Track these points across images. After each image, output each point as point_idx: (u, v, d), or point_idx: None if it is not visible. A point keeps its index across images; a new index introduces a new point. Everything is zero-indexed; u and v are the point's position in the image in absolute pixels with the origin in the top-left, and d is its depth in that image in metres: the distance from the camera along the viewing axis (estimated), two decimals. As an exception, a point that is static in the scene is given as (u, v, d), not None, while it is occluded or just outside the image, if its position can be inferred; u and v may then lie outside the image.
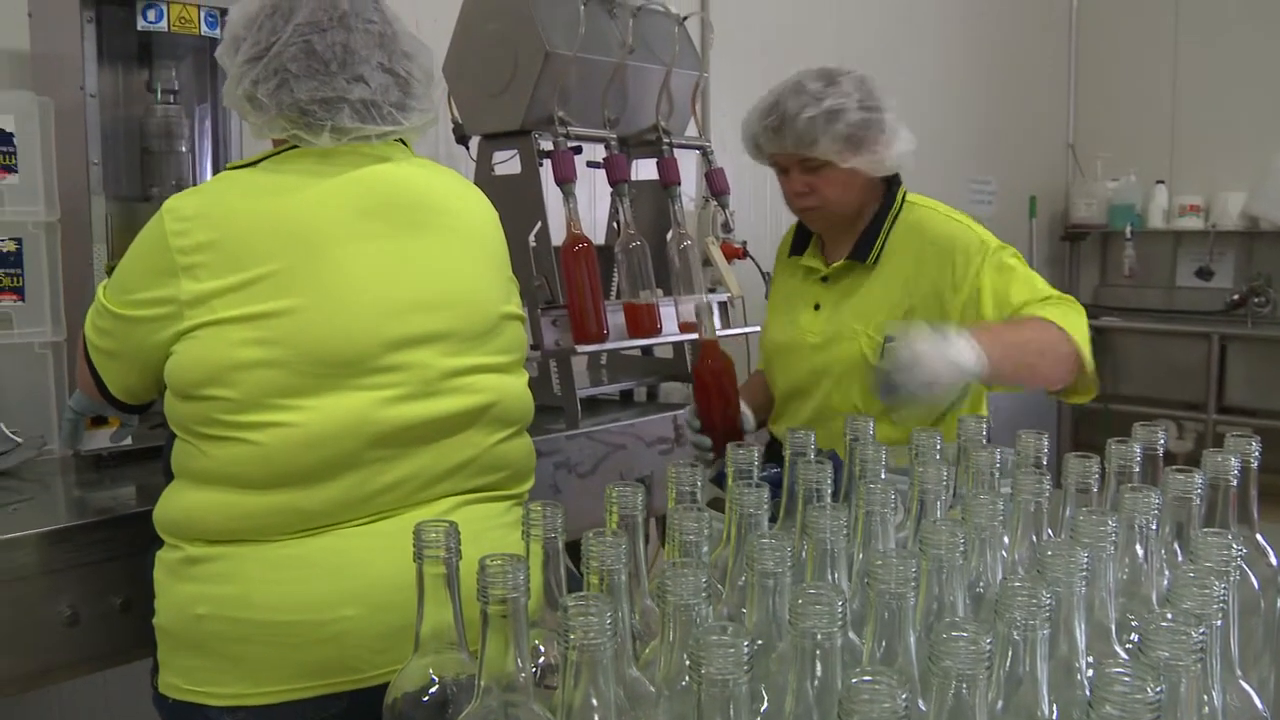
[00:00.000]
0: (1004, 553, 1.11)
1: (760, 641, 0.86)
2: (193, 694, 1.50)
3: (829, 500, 1.16)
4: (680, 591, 0.80)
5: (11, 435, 2.13)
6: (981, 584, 1.09)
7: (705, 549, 0.96)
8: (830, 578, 1.01)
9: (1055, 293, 2.01)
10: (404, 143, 1.69)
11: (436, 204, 1.66)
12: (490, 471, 1.65)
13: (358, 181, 1.59)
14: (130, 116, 2.34)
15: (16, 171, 2.19)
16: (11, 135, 2.18)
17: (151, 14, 2.14)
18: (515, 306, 1.74)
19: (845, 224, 2.15)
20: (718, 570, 1.11)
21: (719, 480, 1.72)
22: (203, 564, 1.51)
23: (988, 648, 0.73)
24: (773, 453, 2.13)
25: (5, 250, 2.19)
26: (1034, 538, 1.12)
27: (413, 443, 1.55)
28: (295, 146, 1.62)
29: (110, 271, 1.69)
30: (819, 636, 0.78)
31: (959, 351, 1.75)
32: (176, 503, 1.56)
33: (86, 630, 1.81)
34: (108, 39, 2.21)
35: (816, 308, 2.18)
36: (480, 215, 1.74)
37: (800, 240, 2.27)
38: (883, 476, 1.24)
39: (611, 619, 0.72)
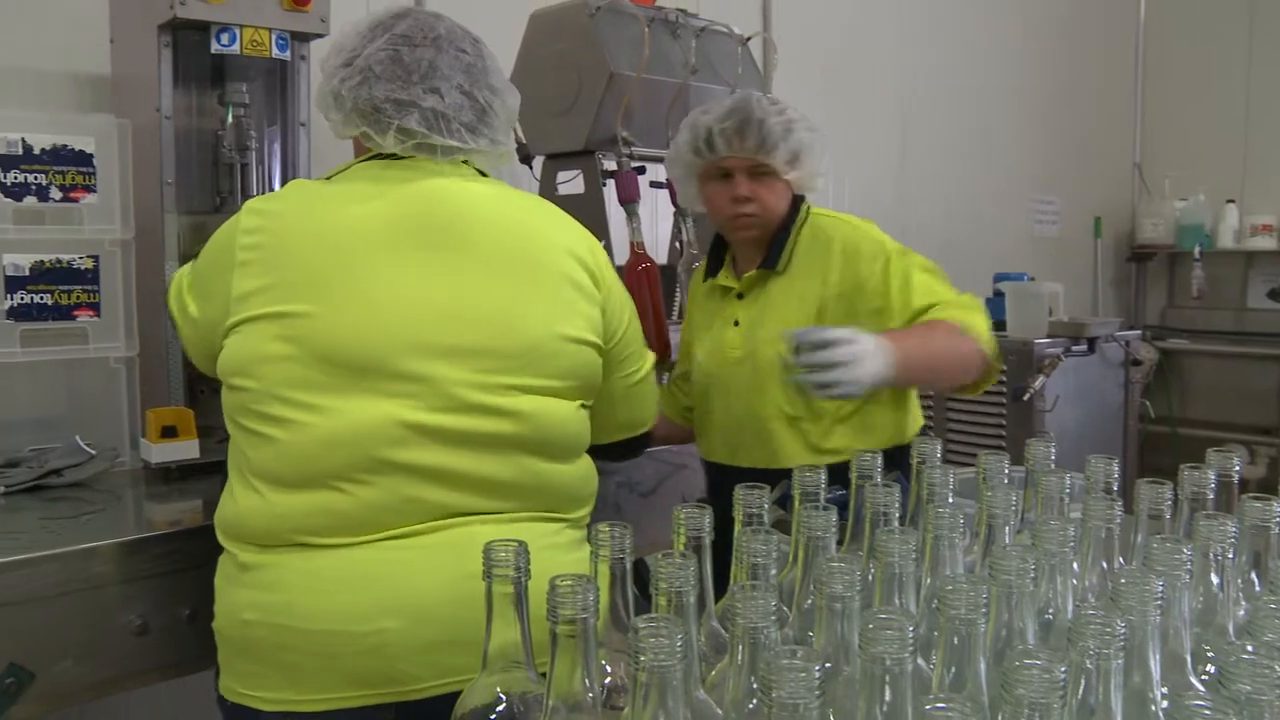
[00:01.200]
0: (1074, 580, 1.10)
1: (828, 665, 0.86)
2: (246, 697, 1.53)
3: (896, 524, 1.15)
4: (749, 614, 0.80)
5: (86, 447, 2.18)
6: (1050, 611, 1.08)
7: (773, 571, 0.96)
8: (898, 602, 1.00)
9: (954, 295, 2.12)
10: (468, 164, 1.70)
11: (490, 223, 1.64)
12: (537, 495, 1.63)
13: (405, 195, 1.62)
14: (203, 132, 2.39)
15: (95, 191, 2.25)
16: (91, 156, 2.24)
17: (225, 37, 2.19)
18: (579, 330, 1.67)
19: (766, 236, 2.22)
20: (783, 592, 1.10)
21: (783, 502, 1.72)
22: (252, 571, 1.55)
23: (1062, 677, 0.72)
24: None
25: (83, 267, 2.25)
26: (1104, 565, 1.11)
27: (445, 454, 1.55)
28: (366, 161, 1.67)
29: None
30: (888, 662, 0.78)
31: (875, 354, 1.82)
32: (229, 503, 1.61)
33: (155, 640, 1.84)
34: (183, 62, 2.27)
35: (735, 324, 2.24)
36: (540, 238, 1.68)
37: (713, 264, 2.33)
38: (950, 500, 1.23)
39: (682, 641, 0.72)
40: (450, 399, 1.55)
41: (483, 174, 1.72)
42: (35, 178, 2.20)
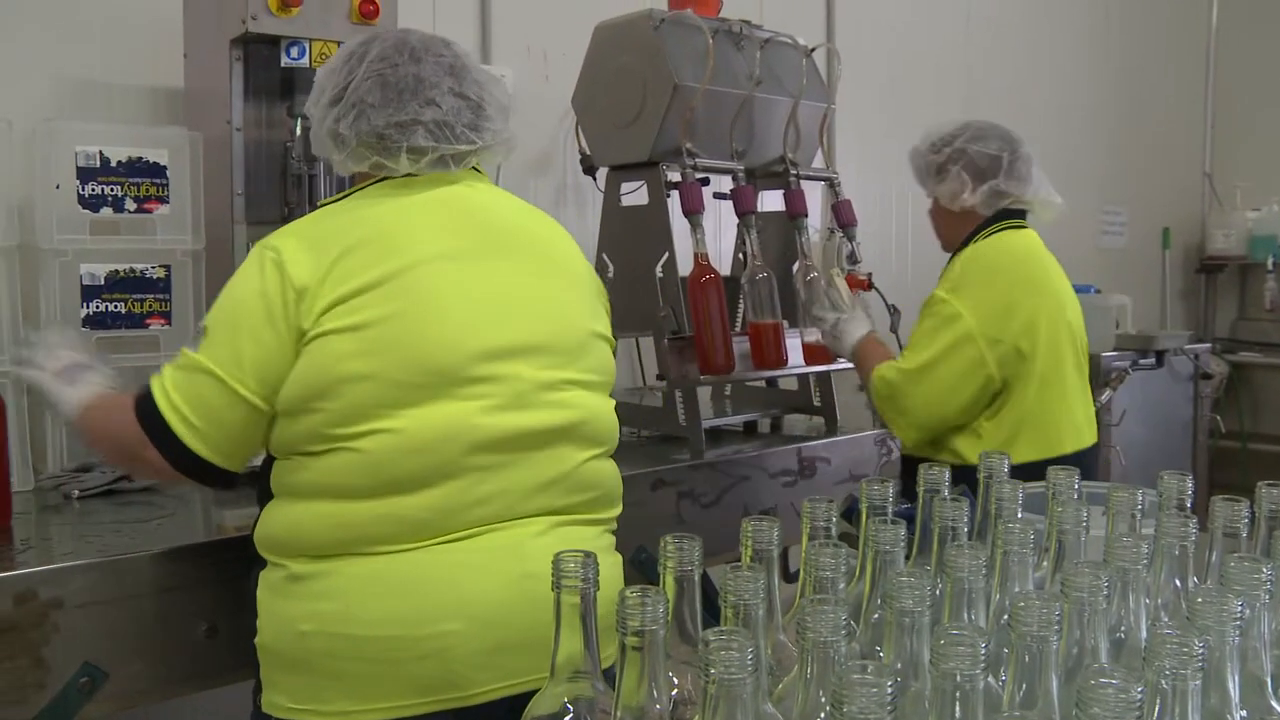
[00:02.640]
0: (1146, 598, 1.08)
1: (898, 680, 0.85)
2: (299, 713, 1.53)
3: (965, 538, 1.13)
4: (819, 628, 0.79)
5: (157, 454, 2.22)
6: (1123, 629, 1.06)
7: (841, 585, 0.95)
8: (966, 617, 0.99)
9: (908, 365, 2.42)
10: (478, 170, 1.74)
11: (518, 227, 1.72)
12: (582, 490, 1.66)
13: (442, 204, 1.65)
14: (272, 144, 2.43)
15: (168, 202, 2.30)
16: (165, 168, 2.29)
17: (295, 51, 2.23)
18: (604, 328, 1.76)
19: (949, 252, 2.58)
20: (850, 606, 1.09)
21: (848, 515, 1.71)
22: (306, 581, 1.54)
23: (1138, 697, 0.71)
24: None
25: (155, 277, 2.29)
26: (1178, 583, 1.09)
27: (509, 452, 1.57)
28: (378, 181, 1.68)
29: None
30: (959, 678, 0.77)
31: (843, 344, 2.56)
32: (278, 519, 1.60)
33: (222, 644, 1.86)
34: (253, 75, 2.31)
35: None
36: (559, 240, 1.77)
37: None
38: (1019, 515, 1.22)
39: (753, 654, 0.72)
40: (519, 396, 1.58)
41: (479, 171, 1.75)
42: (111, 189, 2.25)
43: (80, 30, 2.58)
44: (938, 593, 1.03)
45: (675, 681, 0.93)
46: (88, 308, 2.24)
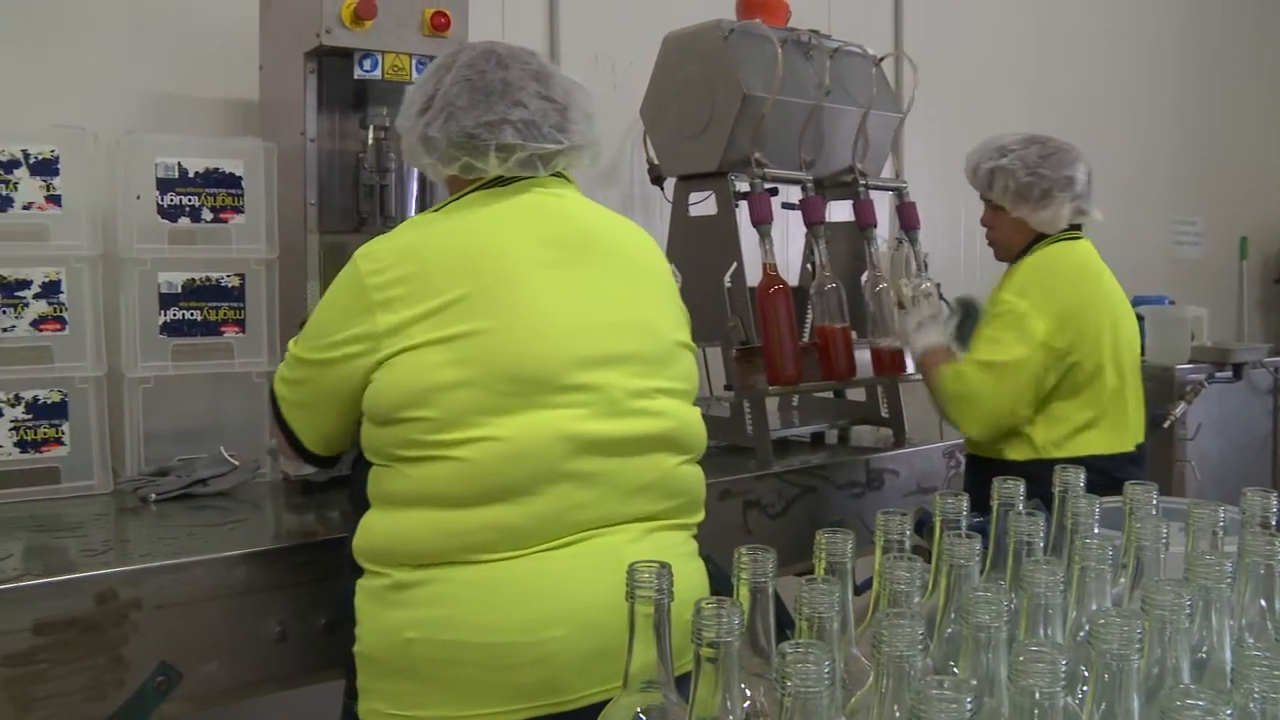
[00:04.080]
0: (1230, 618, 1.06)
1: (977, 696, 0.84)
2: (398, 718, 1.54)
3: (1041, 554, 1.12)
4: (895, 642, 0.78)
5: (230, 458, 2.26)
6: (1204, 649, 1.04)
7: (916, 598, 0.94)
8: (1042, 634, 0.98)
9: (984, 358, 2.47)
10: (568, 179, 1.76)
11: (607, 236, 1.73)
12: (673, 495, 1.67)
13: (536, 214, 1.67)
14: (345, 155, 2.46)
15: (243, 212, 2.34)
16: (240, 179, 2.33)
17: (368, 63, 2.26)
18: (687, 336, 1.78)
19: (1006, 261, 2.64)
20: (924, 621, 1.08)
21: (919, 528, 1.70)
22: (410, 589, 1.55)
23: (1227, 719, 0.69)
24: None
25: (230, 285, 2.33)
26: (1263, 603, 1.06)
27: (607, 458, 1.58)
28: (472, 191, 1.70)
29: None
30: (1038, 695, 0.76)
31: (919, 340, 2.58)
32: (378, 528, 1.61)
33: (293, 647, 1.89)
34: (326, 87, 2.34)
35: None
36: (647, 249, 1.80)
37: None
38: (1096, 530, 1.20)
39: (830, 668, 0.72)
40: (612, 405, 1.59)
41: (569, 180, 1.77)
42: (189, 199, 2.29)
43: (160, 46, 2.64)
44: (1012, 608, 1.02)
45: (748, 693, 0.93)
46: (165, 315, 2.29)
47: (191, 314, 2.31)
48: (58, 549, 1.92)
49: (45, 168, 2.18)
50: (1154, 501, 1.29)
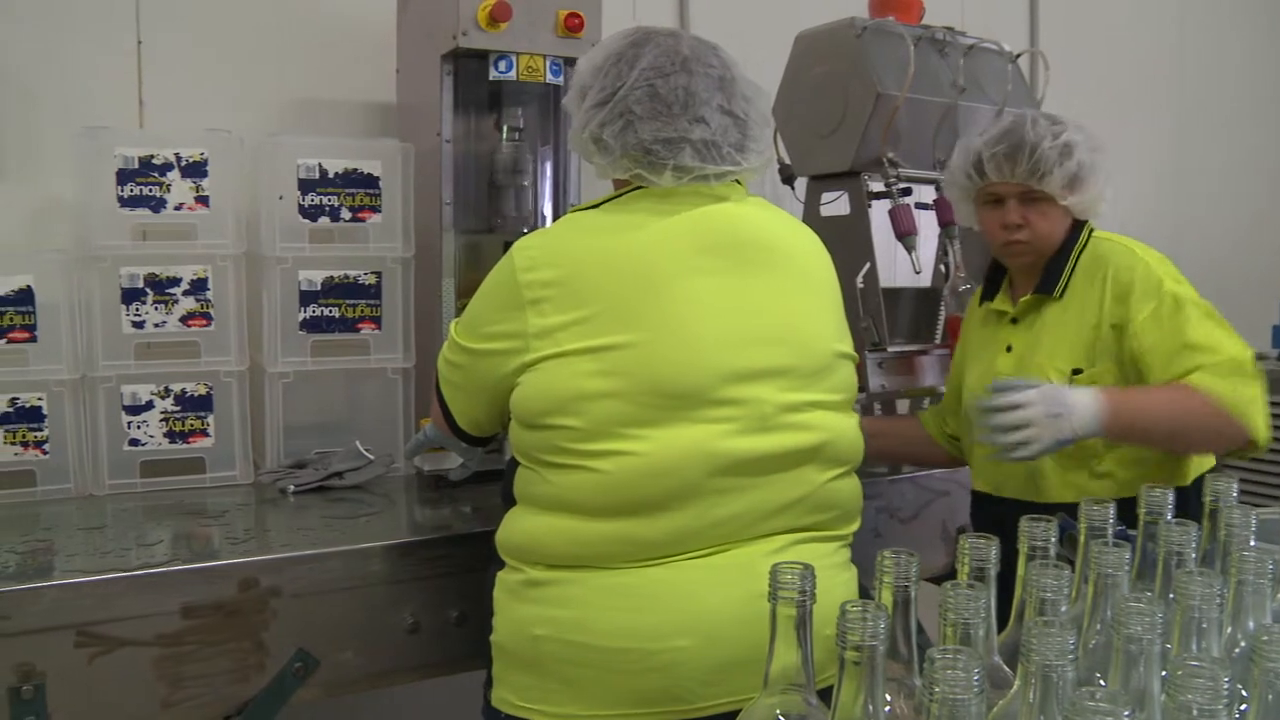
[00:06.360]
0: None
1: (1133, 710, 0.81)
2: (526, 710, 1.56)
3: (1193, 564, 1.08)
4: (1045, 652, 0.76)
5: (365, 452, 2.31)
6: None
7: (1064, 607, 0.91)
8: (1196, 648, 0.94)
9: (1231, 353, 1.93)
10: (739, 183, 1.72)
11: (772, 243, 1.68)
12: (821, 510, 1.63)
13: (697, 220, 1.63)
14: (480, 155, 2.50)
15: (380, 211, 2.39)
16: (378, 179, 2.38)
17: (503, 65, 2.28)
18: (848, 346, 1.73)
19: (1041, 262, 2.14)
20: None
21: (1059, 536, 1.65)
22: (543, 587, 1.57)
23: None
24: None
25: (367, 283, 2.39)
26: None
27: (749, 476, 1.56)
28: (637, 188, 1.67)
29: (460, 310, 1.81)
30: (1196, 712, 0.73)
31: (1070, 419, 1.85)
32: (519, 527, 1.63)
33: (425, 639, 1.93)
34: (462, 89, 2.37)
35: (1008, 349, 2.16)
36: (814, 255, 1.74)
37: (990, 287, 2.25)
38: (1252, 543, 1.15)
39: (979, 675, 0.70)
40: (762, 419, 1.56)
41: (740, 184, 1.73)
42: (328, 199, 2.36)
43: (302, 51, 2.72)
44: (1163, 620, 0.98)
45: (889, 698, 0.91)
46: (305, 312, 2.35)
47: (330, 311, 2.37)
48: (203, 536, 2.00)
49: (195, 170, 2.27)
50: (1314, 514, 1.23)
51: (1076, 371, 2.03)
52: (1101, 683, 0.99)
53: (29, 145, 2.46)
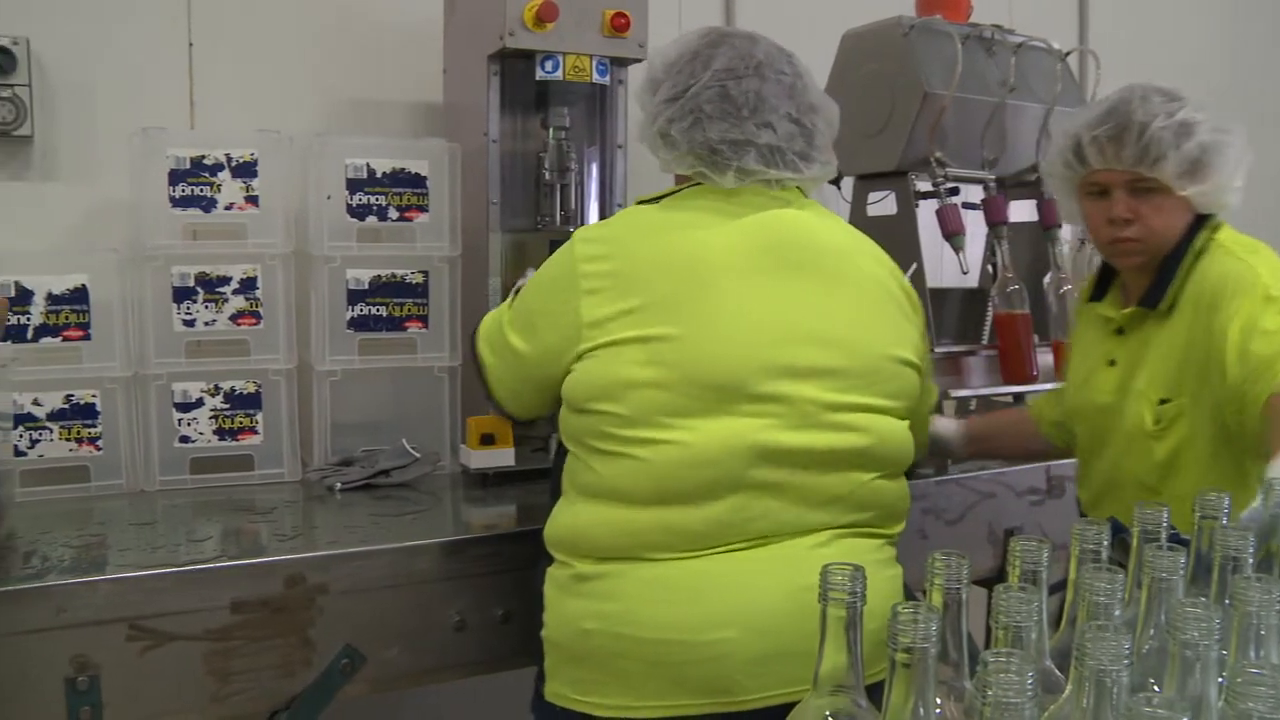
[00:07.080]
0: None
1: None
2: (579, 703, 1.58)
3: (1250, 569, 1.06)
4: (1100, 656, 0.75)
5: (411, 450, 2.33)
6: None
7: (1116, 611, 0.90)
8: (1253, 655, 0.93)
9: None
10: (800, 189, 1.73)
11: (826, 247, 1.69)
12: (863, 509, 1.64)
13: (755, 222, 1.65)
14: (526, 155, 2.51)
15: (427, 211, 2.40)
16: (425, 179, 2.40)
17: (549, 64, 2.29)
18: (910, 353, 1.71)
19: (1155, 263, 1.85)
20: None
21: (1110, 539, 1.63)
22: (591, 581, 1.59)
23: None
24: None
25: (414, 282, 2.40)
26: None
27: (792, 471, 1.57)
28: (698, 184, 1.69)
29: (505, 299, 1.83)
30: (1255, 719, 0.72)
31: None
32: (566, 518, 1.65)
33: (471, 637, 1.94)
34: (509, 89, 2.38)
35: (1111, 364, 1.92)
36: (872, 262, 1.74)
37: (1101, 284, 2.00)
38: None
39: (1033, 679, 0.69)
40: (805, 417, 1.57)
41: (801, 190, 1.74)
42: (376, 199, 2.37)
43: (349, 52, 2.74)
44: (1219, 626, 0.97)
45: (938, 701, 0.91)
46: (352, 311, 2.37)
47: (377, 310, 2.39)
48: (251, 533, 2.02)
49: (245, 170, 2.29)
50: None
51: (1164, 401, 1.79)
52: (1156, 688, 0.98)
53: (83, 147, 2.49)
